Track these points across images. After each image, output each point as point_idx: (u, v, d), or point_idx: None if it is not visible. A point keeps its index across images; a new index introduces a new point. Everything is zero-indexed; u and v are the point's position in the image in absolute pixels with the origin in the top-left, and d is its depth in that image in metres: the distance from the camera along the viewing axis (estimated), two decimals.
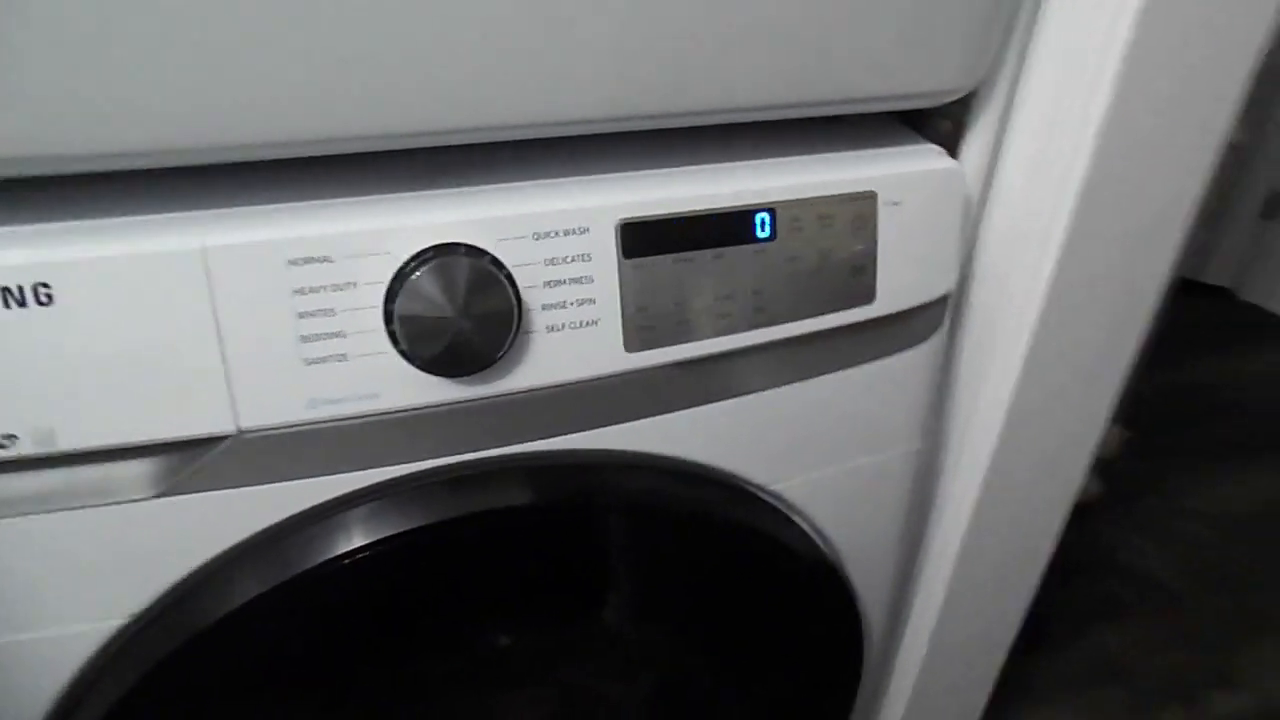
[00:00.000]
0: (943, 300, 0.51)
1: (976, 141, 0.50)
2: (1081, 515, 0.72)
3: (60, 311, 0.35)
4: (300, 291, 0.38)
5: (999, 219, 0.52)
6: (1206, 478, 1.54)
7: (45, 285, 0.35)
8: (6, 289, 0.34)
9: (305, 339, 0.38)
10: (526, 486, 0.46)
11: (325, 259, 0.38)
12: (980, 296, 0.54)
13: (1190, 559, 1.37)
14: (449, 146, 0.41)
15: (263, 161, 0.38)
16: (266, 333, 0.38)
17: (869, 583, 0.58)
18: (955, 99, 0.48)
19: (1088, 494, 1.00)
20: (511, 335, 0.40)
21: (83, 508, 0.38)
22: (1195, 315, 2.00)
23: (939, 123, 0.50)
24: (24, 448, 0.36)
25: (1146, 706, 1.15)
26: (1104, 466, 1.25)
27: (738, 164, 0.45)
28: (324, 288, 0.38)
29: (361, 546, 0.42)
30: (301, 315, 0.38)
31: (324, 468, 0.41)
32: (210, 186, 0.39)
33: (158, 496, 0.39)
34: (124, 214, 0.37)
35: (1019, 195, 0.50)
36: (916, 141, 0.49)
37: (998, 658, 0.75)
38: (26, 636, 0.41)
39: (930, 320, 0.51)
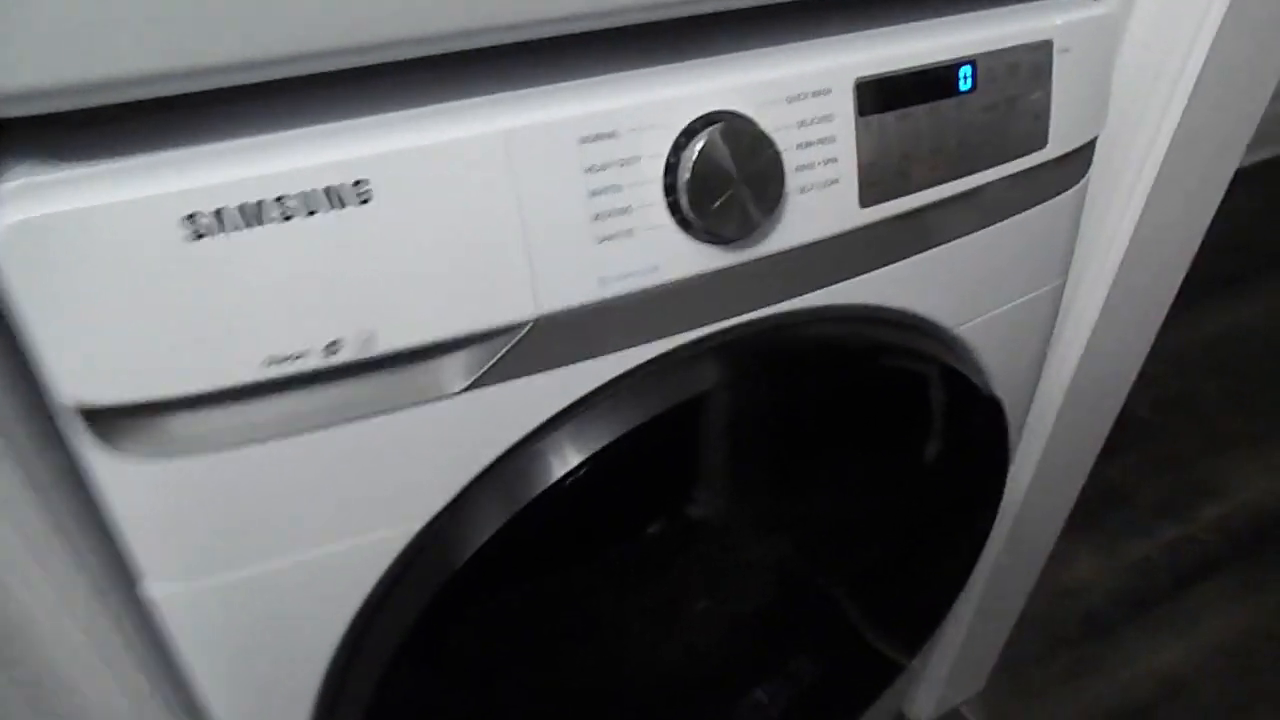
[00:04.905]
0: (1093, 142, 0.55)
1: None
2: None
3: (378, 208, 0.35)
4: (591, 170, 0.38)
5: (1129, 61, 0.55)
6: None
7: (363, 182, 0.34)
8: (329, 189, 0.34)
9: (597, 217, 0.39)
10: (750, 355, 0.48)
11: (612, 134, 0.38)
12: (1105, 137, 0.58)
13: (1158, 396, 1.51)
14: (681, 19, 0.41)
15: (536, 41, 0.38)
16: (563, 213, 0.38)
17: (1011, 413, 0.63)
18: None
19: None
20: (781, 195, 0.42)
21: (395, 410, 0.39)
22: None
23: None
24: (348, 352, 0.36)
25: (1149, 524, 1.29)
26: None
27: (934, 21, 0.47)
28: (611, 164, 0.39)
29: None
30: (593, 193, 0.39)
31: (610, 345, 0.42)
32: (489, 70, 0.38)
33: (466, 390, 0.40)
34: (420, 104, 0.36)
35: (1150, 36, 0.54)
36: None
37: (1085, 469, 0.83)
38: (334, 547, 0.41)
39: (1083, 162, 0.55)
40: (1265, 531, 1.27)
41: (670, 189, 0.40)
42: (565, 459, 0.43)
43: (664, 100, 0.39)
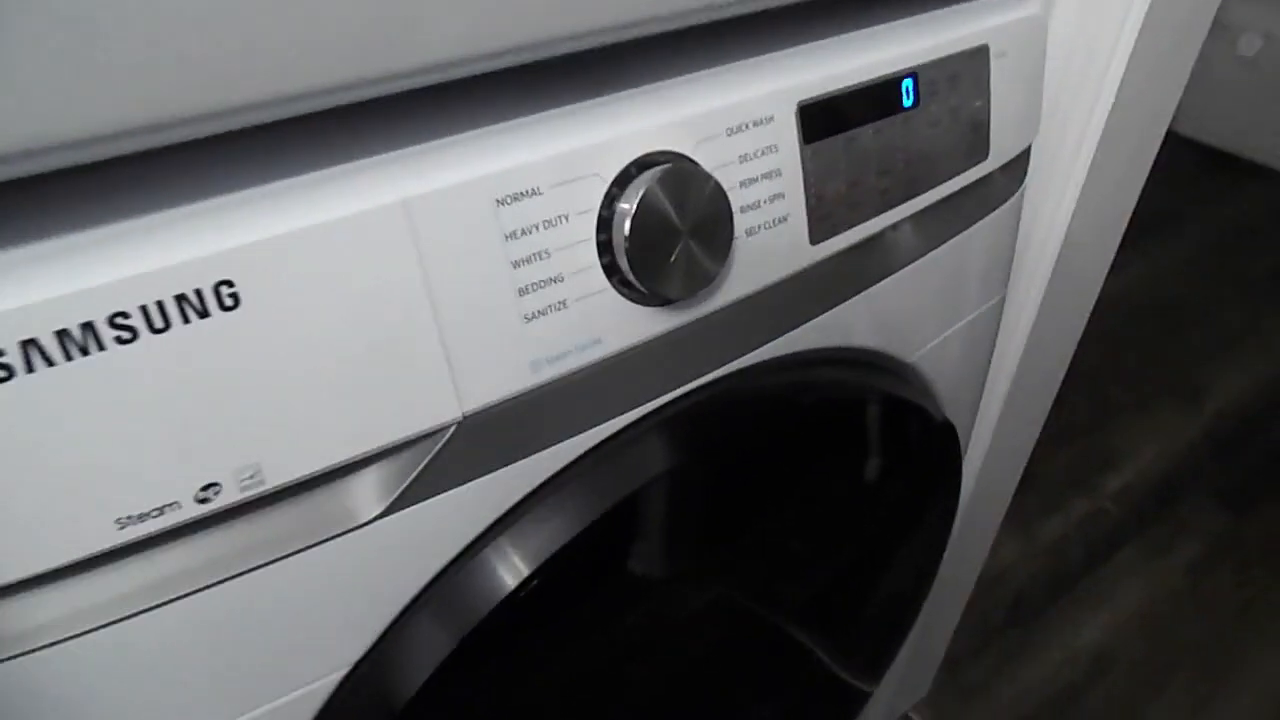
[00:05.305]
0: (1029, 149, 0.52)
1: None
2: None
3: (249, 313, 0.27)
4: (512, 236, 0.32)
5: (1053, 63, 0.53)
6: None
7: (228, 283, 0.27)
8: (182, 296, 0.26)
9: (522, 291, 0.32)
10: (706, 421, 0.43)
11: (534, 192, 0.32)
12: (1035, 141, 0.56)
13: None
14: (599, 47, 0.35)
15: (431, 87, 0.31)
16: (483, 291, 0.32)
17: (960, 431, 0.60)
18: None
19: None
20: (731, 242, 0.36)
21: (297, 552, 0.31)
22: None
23: None
24: (229, 495, 0.29)
25: (1059, 501, 1.31)
26: None
27: (867, 32, 0.42)
28: (535, 226, 0.32)
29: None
30: (516, 264, 0.32)
31: (550, 437, 0.35)
32: (377, 123, 0.31)
33: (384, 515, 0.32)
34: (293, 174, 0.29)
35: (1074, 35, 0.52)
36: None
37: (1020, 469, 0.82)
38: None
39: (1021, 170, 0.52)
40: (1161, 495, 1.32)
41: (605, 248, 0.34)
42: (515, 568, 0.36)
43: (590, 146, 0.33)
